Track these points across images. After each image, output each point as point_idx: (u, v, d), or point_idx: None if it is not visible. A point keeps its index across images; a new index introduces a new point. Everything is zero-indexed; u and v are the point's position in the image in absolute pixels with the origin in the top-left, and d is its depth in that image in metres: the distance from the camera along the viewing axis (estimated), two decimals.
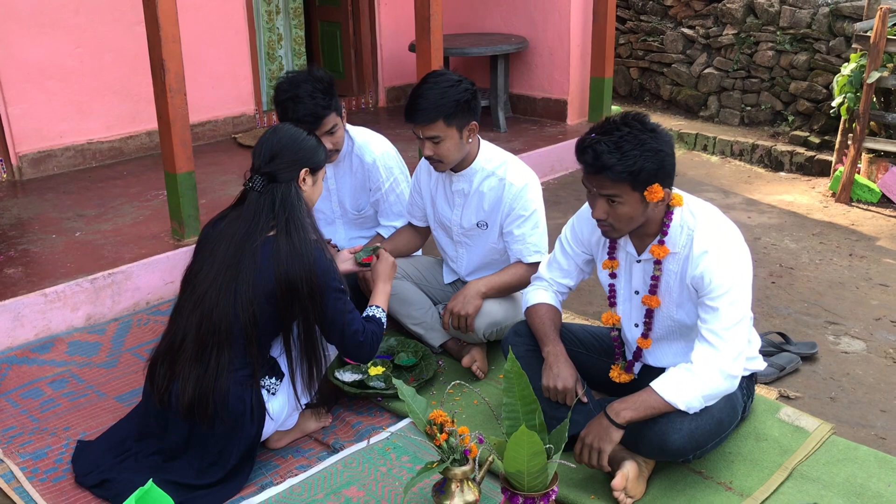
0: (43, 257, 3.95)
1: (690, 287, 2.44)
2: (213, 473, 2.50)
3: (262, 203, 2.53)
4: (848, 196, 5.30)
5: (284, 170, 2.56)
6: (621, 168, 2.27)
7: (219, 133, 5.96)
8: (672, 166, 2.36)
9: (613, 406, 2.38)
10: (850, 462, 2.60)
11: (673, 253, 2.45)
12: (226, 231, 2.56)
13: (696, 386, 2.33)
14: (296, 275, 2.46)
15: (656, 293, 2.52)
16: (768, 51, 6.66)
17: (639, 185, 2.30)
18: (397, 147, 3.60)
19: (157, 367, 2.55)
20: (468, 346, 3.24)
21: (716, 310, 2.35)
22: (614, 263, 2.60)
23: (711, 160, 6.44)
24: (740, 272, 2.37)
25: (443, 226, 3.30)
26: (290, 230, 2.50)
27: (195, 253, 2.65)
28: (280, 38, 6.67)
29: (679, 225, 2.43)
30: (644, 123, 2.32)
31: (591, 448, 2.35)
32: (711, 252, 2.36)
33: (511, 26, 6.60)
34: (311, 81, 3.13)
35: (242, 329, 2.47)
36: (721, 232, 2.41)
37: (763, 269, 4.27)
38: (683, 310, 2.51)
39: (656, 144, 2.29)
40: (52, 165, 5.24)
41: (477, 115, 3.02)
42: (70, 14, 5.14)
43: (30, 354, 3.39)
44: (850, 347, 3.48)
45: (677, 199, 2.42)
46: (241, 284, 2.46)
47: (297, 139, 2.62)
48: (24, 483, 2.60)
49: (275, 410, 2.59)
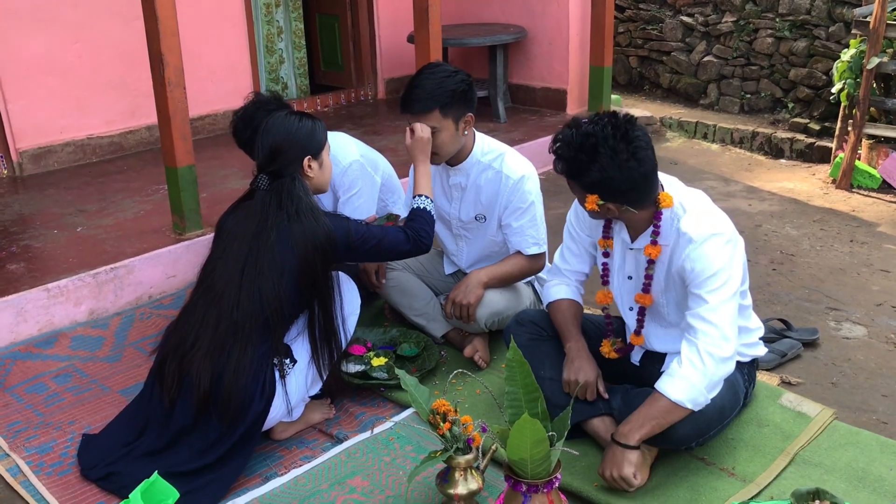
0: (45, 253, 3.96)
1: (676, 276, 2.44)
2: (215, 451, 2.50)
3: (269, 201, 2.58)
4: (848, 182, 5.30)
5: (287, 165, 2.61)
6: (565, 166, 2.38)
7: (218, 127, 5.96)
8: (618, 188, 2.33)
9: (620, 431, 2.38)
10: (852, 447, 2.61)
11: (663, 246, 2.46)
12: (237, 230, 2.61)
13: (695, 378, 2.33)
14: (320, 244, 2.54)
15: (650, 291, 2.53)
16: (767, 38, 6.65)
17: (584, 187, 2.38)
18: (396, 139, 3.61)
19: (167, 365, 2.56)
20: (470, 336, 3.25)
21: (700, 296, 2.36)
22: (608, 243, 2.61)
23: (711, 148, 6.44)
24: (723, 258, 2.36)
25: (442, 219, 3.31)
26: (300, 216, 2.56)
27: (212, 246, 2.71)
28: (280, 30, 6.66)
29: (669, 219, 2.44)
30: (616, 134, 2.30)
31: (615, 479, 2.35)
32: (694, 242, 2.36)
33: (510, 16, 6.58)
34: (262, 107, 3.12)
35: (266, 320, 2.52)
36: (704, 221, 2.40)
37: (764, 256, 4.28)
38: (671, 298, 2.52)
39: (606, 162, 2.29)
40: (53, 161, 5.25)
41: (473, 106, 3.01)
42: (68, 9, 5.13)
43: (33, 349, 3.40)
44: (851, 333, 3.49)
45: (667, 201, 2.41)
46: (266, 279, 2.51)
47: (291, 131, 2.65)
48: (31, 477, 2.61)
49: (288, 391, 2.60)
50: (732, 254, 2.39)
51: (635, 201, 2.38)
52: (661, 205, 2.41)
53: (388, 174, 3.65)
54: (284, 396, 2.59)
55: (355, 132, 3.60)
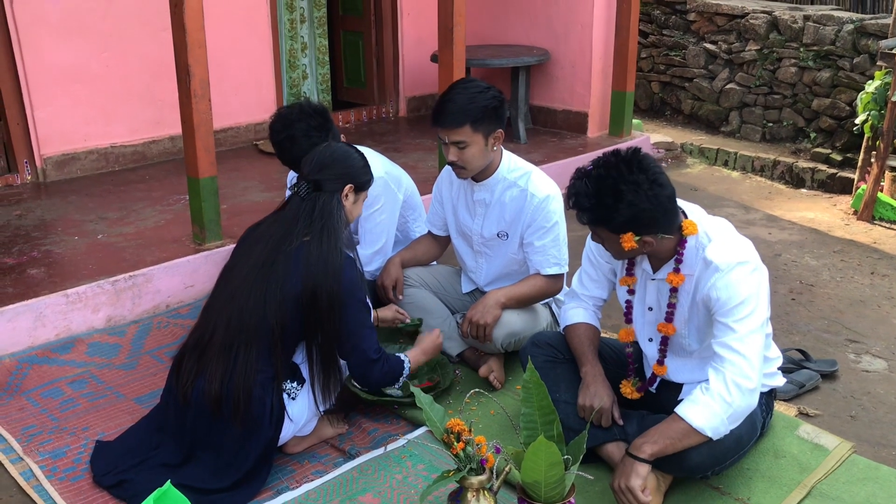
0: (65, 259, 3.98)
1: (700, 305, 2.42)
2: (230, 476, 2.51)
3: (303, 208, 2.59)
4: (870, 214, 5.26)
5: (331, 180, 2.63)
6: (592, 216, 2.34)
7: (240, 139, 6.00)
8: (653, 217, 2.30)
9: (634, 443, 2.36)
10: (871, 481, 2.57)
11: (687, 276, 2.44)
12: (264, 233, 2.64)
13: (719, 408, 2.30)
14: (321, 280, 2.50)
15: (672, 320, 2.52)
16: (791, 67, 6.64)
17: (615, 230, 2.34)
18: (416, 157, 3.60)
19: (184, 362, 2.58)
20: (485, 356, 3.23)
21: (727, 325, 2.34)
22: (633, 280, 2.60)
23: (732, 175, 6.42)
24: (751, 287, 2.34)
25: (464, 235, 3.31)
26: (322, 237, 2.55)
27: (233, 252, 2.73)
28: (304, 46, 6.72)
29: (694, 248, 2.42)
30: (631, 167, 2.28)
31: (622, 490, 2.32)
32: (721, 270, 2.34)
33: (533, 38, 6.61)
34: (304, 119, 3.14)
35: (270, 331, 2.51)
36: (730, 249, 2.38)
37: (783, 286, 4.24)
38: (692, 327, 2.50)
39: (632, 197, 2.26)
40: (76, 168, 5.30)
41: (503, 123, 3.02)
42: (97, 19, 5.20)
43: (50, 354, 3.41)
44: (871, 366, 3.45)
45: (691, 228, 2.40)
46: (272, 287, 2.52)
47: (349, 156, 2.71)
48: (43, 481, 2.62)
49: (294, 414, 2.60)
50: (759, 282, 2.37)
51: (668, 226, 2.36)
52: (685, 232, 2.40)
53: (411, 191, 3.66)
54: (294, 418, 2.60)
55: (376, 149, 3.61)
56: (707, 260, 2.37)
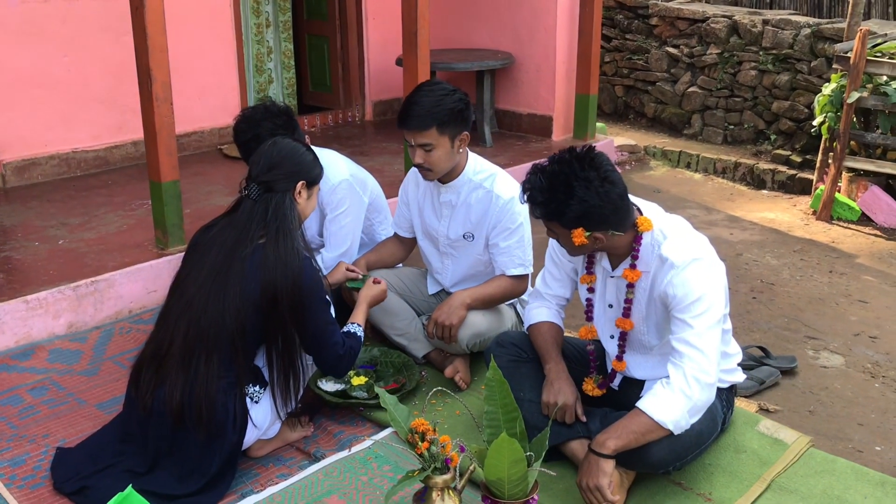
0: (25, 264, 3.93)
1: (658, 301, 2.46)
2: (195, 481, 2.49)
3: (255, 211, 2.55)
4: (828, 214, 5.36)
5: (281, 180, 2.59)
6: (544, 210, 2.37)
7: (205, 144, 5.96)
8: (602, 214, 2.34)
9: (597, 439, 2.38)
10: (828, 474, 2.63)
11: (644, 272, 2.48)
12: (217, 238, 2.57)
13: (680, 401, 2.33)
14: (281, 283, 2.48)
15: (629, 316, 2.55)
16: (751, 70, 6.75)
17: (567, 225, 2.37)
18: (382, 160, 3.61)
19: (143, 372, 2.55)
20: (451, 356, 3.25)
21: (685, 321, 2.37)
22: (592, 278, 2.64)
23: (694, 177, 6.51)
24: (706, 283, 2.38)
25: (430, 236, 3.32)
26: (279, 239, 2.51)
27: (185, 258, 2.67)
28: (270, 50, 6.69)
29: (650, 244, 2.46)
30: (583, 164, 2.32)
31: (590, 489, 2.33)
32: (676, 267, 2.38)
33: (498, 42, 6.65)
34: (269, 118, 3.14)
35: (230, 336, 2.48)
36: (686, 246, 2.42)
37: (744, 285, 4.31)
38: (651, 323, 2.53)
39: (583, 193, 2.30)
40: (37, 174, 5.23)
41: (468, 125, 3.04)
42: (57, 23, 5.14)
43: (10, 361, 3.36)
44: (829, 362, 3.52)
45: (646, 225, 2.43)
46: (230, 292, 2.48)
47: (296, 152, 2.66)
48: (2, 489, 2.58)
49: (258, 418, 2.58)
50: (715, 278, 2.41)
51: (619, 223, 2.40)
52: (640, 228, 2.44)
53: (376, 194, 3.66)
54: (258, 423, 2.59)
55: (343, 153, 3.61)
56: (663, 257, 2.41)
